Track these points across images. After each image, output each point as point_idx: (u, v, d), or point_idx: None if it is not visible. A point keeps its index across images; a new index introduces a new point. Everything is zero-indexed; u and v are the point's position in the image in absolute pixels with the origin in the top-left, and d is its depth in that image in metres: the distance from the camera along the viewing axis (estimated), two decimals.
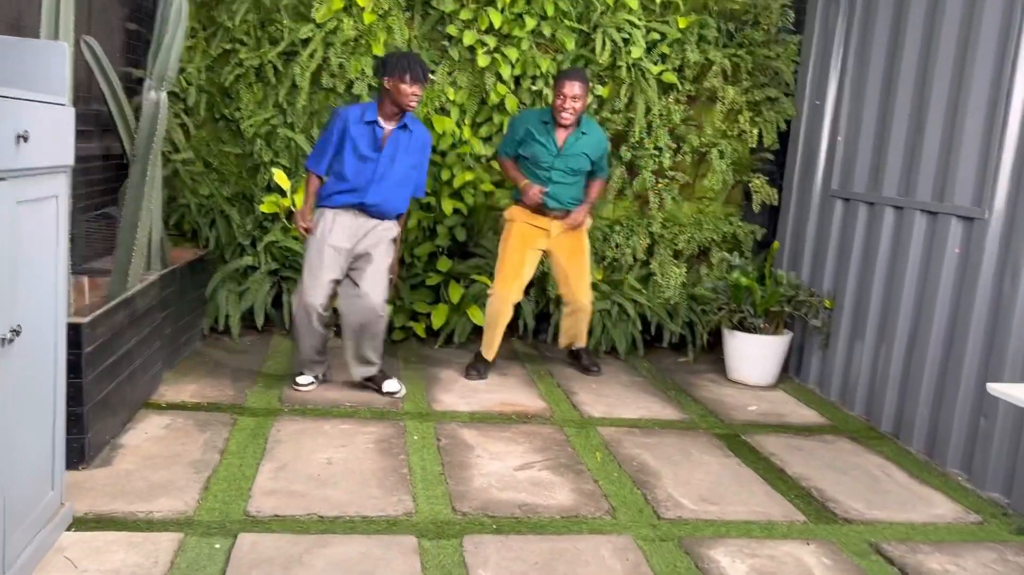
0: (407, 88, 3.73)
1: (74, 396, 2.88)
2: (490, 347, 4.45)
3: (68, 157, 2.35)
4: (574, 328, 4.55)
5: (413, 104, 3.79)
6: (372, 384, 4.10)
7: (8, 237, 1.99)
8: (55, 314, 2.38)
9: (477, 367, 4.47)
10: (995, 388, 2.01)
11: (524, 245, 4.30)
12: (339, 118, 3.83)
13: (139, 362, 3.51)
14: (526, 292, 4.77)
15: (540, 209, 4.26)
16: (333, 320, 4.03)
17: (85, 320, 2.88)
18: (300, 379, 4.07)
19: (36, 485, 2.33)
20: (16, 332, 2.04)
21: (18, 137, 1.95)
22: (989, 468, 3.39)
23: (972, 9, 3.65)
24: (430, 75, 3.91)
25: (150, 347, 3.67)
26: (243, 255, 4.88)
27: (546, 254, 4.45)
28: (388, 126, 3.84)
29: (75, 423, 2.90)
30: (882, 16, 4.32)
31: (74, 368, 2.87)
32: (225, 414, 3.66)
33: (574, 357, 4.78)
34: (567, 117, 4.12)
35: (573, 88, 4.07)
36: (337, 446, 3.39)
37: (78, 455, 2.94)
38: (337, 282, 3.90)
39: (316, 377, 4.11)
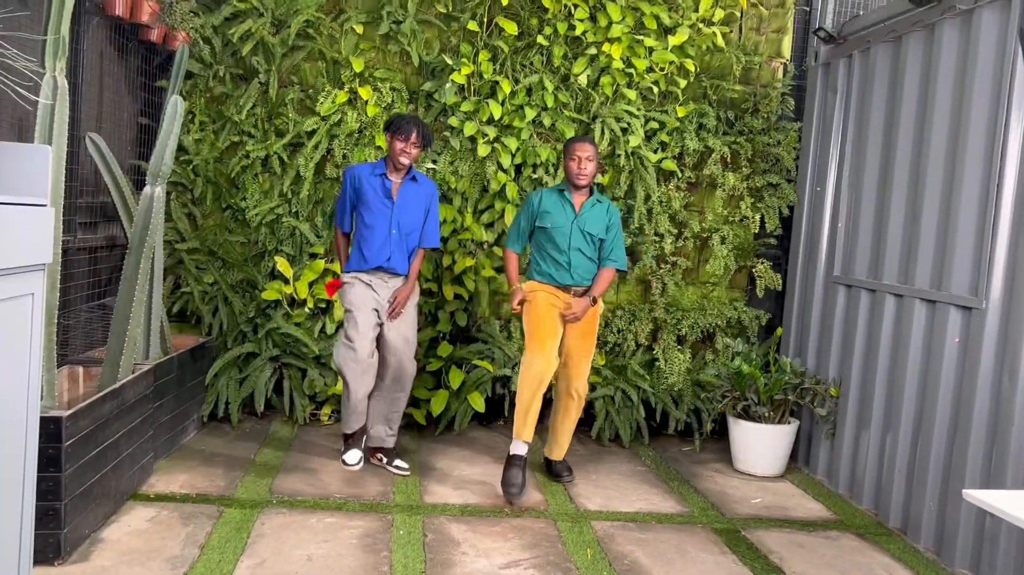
0: (397, 144, 4.00)
1: (52, 490, 2.87)
2: (523, 421, 3.94)
3: (46, 255, 2.39)
4: (565, 426, 4.24)
5: (403, 160, 4.02)
6: (381, 458, 4.27)
7: None
8: (26, 410, 2.38)
9: (514, 478, 3.91)
10: (972, 495, 1.92)
11: (552, 312, 4.09)
12: (349, 173, 4.13)
13: (127, 453, 3.51)
14: None
15: (561, 285, 4.12)
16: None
17: (65, 414, 2.89)
18: (349, 457, 4.05)
19: None
20: None
21: None
22: (998, 569, 3.23)
23: (961, 102, 3.66)
24: (426, 138, 4.04)
25: (140, 437, 3.67)
26: (245, 342, 4.91)
27: None
28: (396, 179, 4.09)
29: (52, 518, 2.88)
30: (876, 106, 4.35)
31: (53, 462, 2.87)
32: (212, 506, 3.63)
33: (548, 463, 4.40)
34: (583, 178, 4.07)
35: (585, 150, 4.08)
36: (320, 541, 3.32)
37: (54, 550, 2.91)
38: (377, 332, 4.06)
39: (361, 448, 4.15)
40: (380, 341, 4.10)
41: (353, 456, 4.05)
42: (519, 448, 4.02)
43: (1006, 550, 3.21)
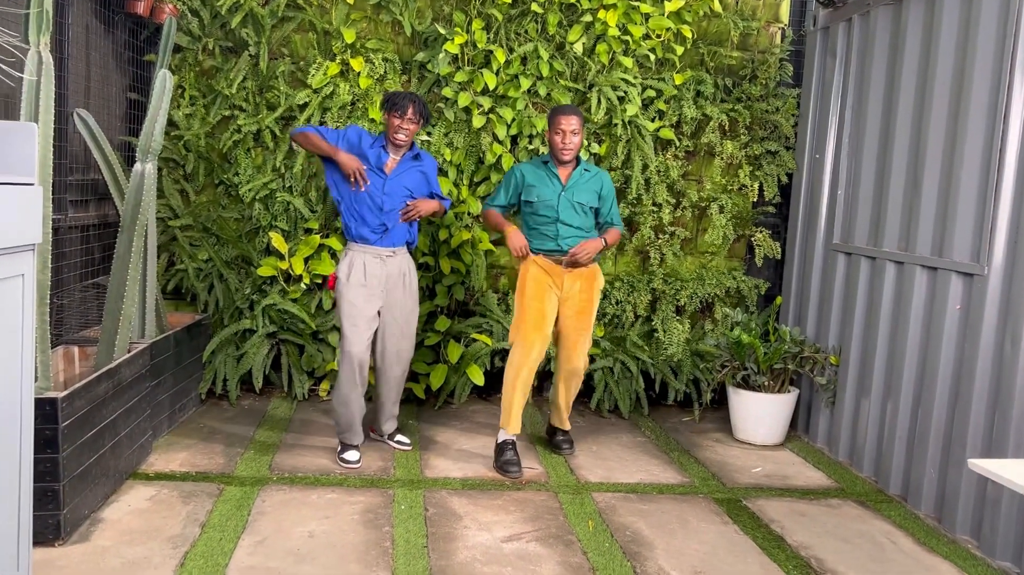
0: (394, 121, 3.88)
1: (50, 471, 2.86)
2: (508, 415, 3.98)
3: (35, 235, 2.35)
4: (564, 399, 4.21)
5: (400, 137, 3.90)
6: (383, 433, 4.26)
7: None
8: (19, 391, 2.35)
9: (511, 459, 3.94)
10: (977, 464, 1.91)
11: (542, 291, 3.99)
12: (353, 129, 3.98)
13: (125, 432, 3.49)
14: None
15: (552, 258, 4.01)
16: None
17: (61, 395, 2.86)
18: (348, 456, 3.95)
19: (0, 565, 2.29)
20: None
21: None
22: (999, 535, 3.24)
23: (963, 65, 3.60)
24: (424, 114, 3.91)
25: (138, 416, 3.65)
26: (241, 318, 4.88)
27: None
28: (394, 155, 3.97)
29: (51, 499, 2.87)
30: (876, 71, 4.29)
31: (50, 443, 2.85)
32: (212, 484, 3.62)
33: (550, 432, 4.42)
34: (567, 152, 3.94)
35: (571, 122, 3.92)
36: (321, 518, 3.32)
37: (54, 531, 2.90)
38: (374, 324, 3.95)
39: (359, 447, 4.05)
40: (379, 332, 4.00)
41: (353, 455, 3.96)
42: (507, 435, 4.03)
43: (1007, 516, 3.21)
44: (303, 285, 4.87)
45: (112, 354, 3.48)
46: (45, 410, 2.81)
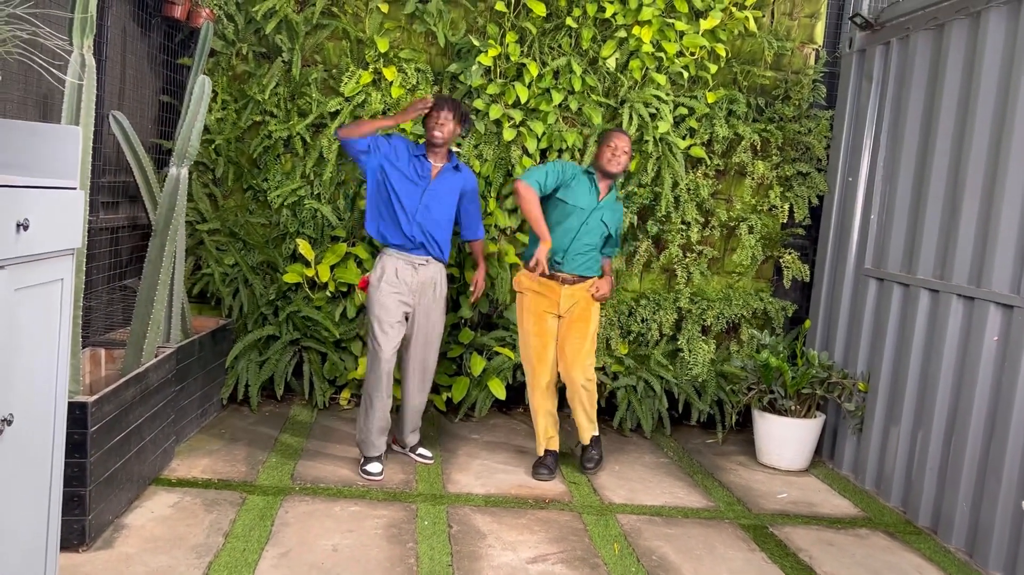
0: (432, 121, 3.88)
1: (77, 476, 2.84)
2: (541, 439, 4.18)
3: (75, 240, 2.34)
4: (581, 414, 4.17)
5: (437, 135, 3.88)
6: (403, 447, 4.25)
7: (5, 325, 1.97)
8: (54, 396, 2.33)
9: (545, 464, 4.14)
10: None
11: (541, 321, 4.08)
12: (392, 137, 3.95)
13: (150, 438, 3.47)
14: None
15: (549, 273, 4.03)
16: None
17: (91, 399, 2.85)
18: (371, 468, 3.92)
19: (28, 570, 2.27)
20: (7, 421, 1.99)
21: (17, 226, 1.94)
22: None
23: (1007, 93, 3.55)
24: (463, 115, 3.95)
25: (163, 421, 3.63)
26: (265, 324, 4.86)
27: None
28: (436, 163, 3.96)
29: (77, 504, 2.85)
30: (915, 95, 4.24)
31: (79, 448, 2.83)
32: (235, 492, 3.59)
33: (581, 451, 4.35)
34: (616, 165, 4.02)
35: (624, 142, 4.05)
36: (345, 531, 3.28)
37: (79, 536, 2.88)
38: (402, 330, 3.94)
39: (382, 459, 4.01)
40: (404, 339, 3.99)
41: (375, 467, 3.92)
42: (540, 450, 4.22)
43: None
44: (328, 293, 4.85)
45: (140, 358, 3.46)
46: (75, 414, 2.79)
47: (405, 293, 3.91)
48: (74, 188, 2.35)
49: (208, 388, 4.46)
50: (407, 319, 3.95)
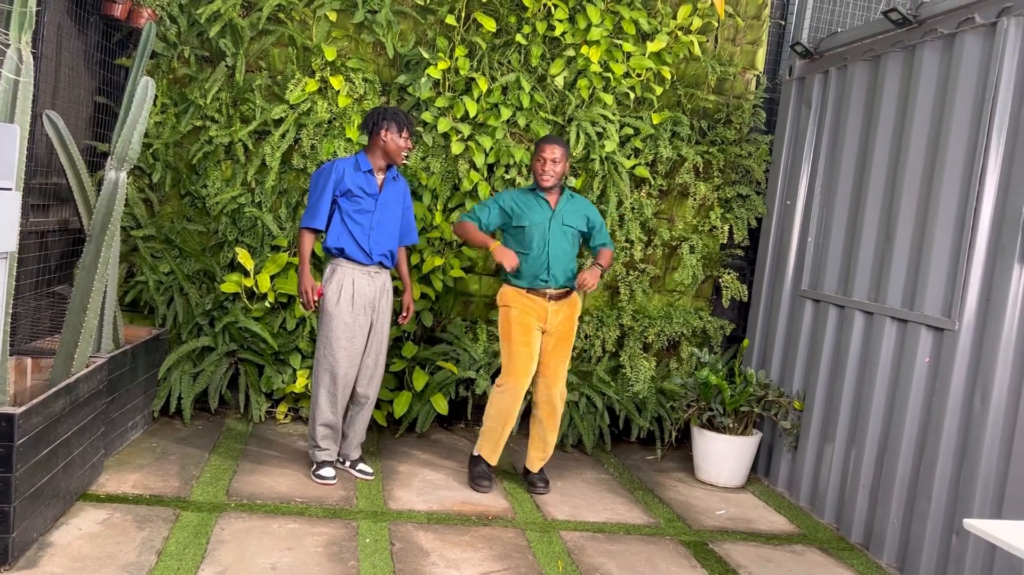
0: (402, 142, 3.87)
1: (1, 492, 2.69)
2: (496, 449, 4.10)
3: (10, 243, 2.23)
4: (548, 434, 4.15)
5: (403, 158, 3.91)
6: (343, 460, 4.17)
7: None
8: None
9: (487, 475, 4.13)
10: (972, 524, 1.92)
11: (528, 333, 4.02)
12: (332, 170, 3.86)
13: (78, 451, 3.32)
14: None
15: (538, 289, 4.03)
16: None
17: (18, 411, 2.71)
18: (324, 472, 3.95)
19: None
20: None
21: None
22: None
23: (940, 123, 3.70)
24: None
25: (92, 434, 3.48)
26: (200, 335, 4.72)
27: None
28: (380, 176, 3.95)
29: (0, 521, 2.70)
30: (852, 123, 4.38)
31: (3, 462, 2.69)
32: (167, 508, 3.46)
33: (525, 473, 4.31)
34: (548, 179, 4.00)
35: (554, 151, 3.99)
36: (284, 549, 3.19)
37: (1, 556, 2.73)
38: (362, 346, 3.94)
39: (334, 463, 4.06)
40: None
41: (329, 471, 3.96)
42: (492, 459, 4.17)
43: (971, 570, 3.26)
44: (267, 304, 4.74)
45: (70, 368, 3.32)
46: (1, 426, 2.65)
47: (365, 306, 3.90)
48: (10, 189, 2.24)
49: (139, 400, 4.30)
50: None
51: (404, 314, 4.10)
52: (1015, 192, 3.27)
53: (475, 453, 4.20)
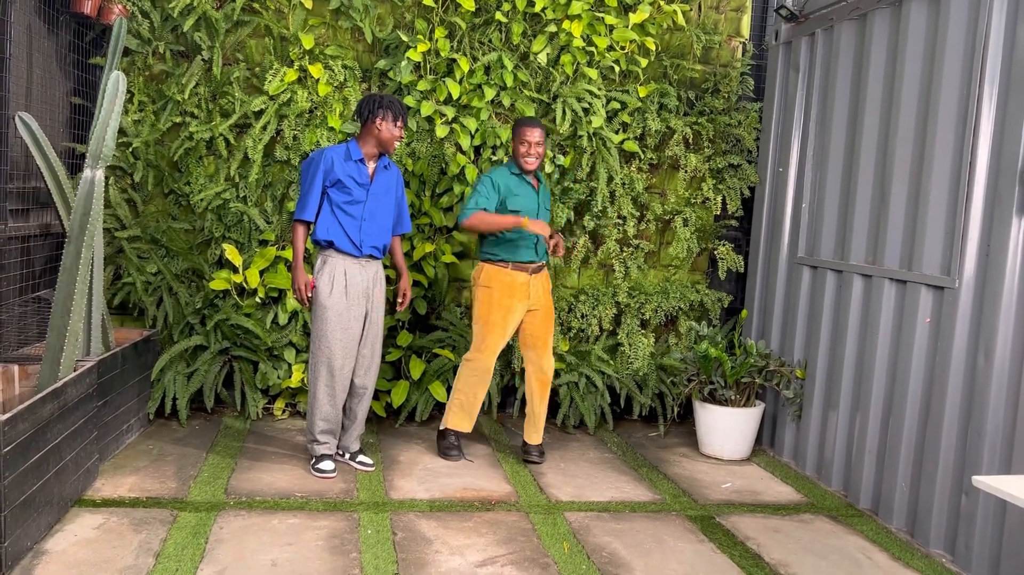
0: (396, 131, 3.81)
1: None
2: (469, 417, 4.21)
3: None
4: (542, 407, 4.28)
5: (395, 147, 3.87)
6: (342, 452, 4.12)
7: None
8: None
9: (456, 445, 4.27)
10: (981, 481, 1.86)
11: (508, 315, 4.08)
12: (322, 160, 3.78)
13: (70, 457, 3.26)
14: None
15: (520, 266, 4.09)
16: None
17: (3, 418, 2.65)
18: (324, 466, 3.93)
19: None
20: None
21: None
22: (974, 549, 3.23)
23: (930, 80, 3.63)
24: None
25: (84, 439, 3.42)
26: (192, 334, 4.66)
27: None
28: (371, 165, 3.88)
29: None
30: (841, 85, 4.30)
31: None
32: (165, 510, 3.41)
33: (525, 449, 4.34)
34: (532, 162, 4.06)
35: (535, 134, 4.05)
36: (284, 544, 3.14)
37: None
38: (359, 338, 3.90)
39: (334, 457, 4.03)
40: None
41: (329, 464, 3.93)
42: (466, 428, 4.27)
43: (982, 531, 3.21)
44: (257, 299, 4.67)
45: (57, 373, 3.26)
46: None
47: (359, 297, 3.84)
48: None
49: (133, 403, 4.24)
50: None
51: (401, 300, 4.06)
52: (1010, 141, 3.20)
53: (442, 427, 4.28)
